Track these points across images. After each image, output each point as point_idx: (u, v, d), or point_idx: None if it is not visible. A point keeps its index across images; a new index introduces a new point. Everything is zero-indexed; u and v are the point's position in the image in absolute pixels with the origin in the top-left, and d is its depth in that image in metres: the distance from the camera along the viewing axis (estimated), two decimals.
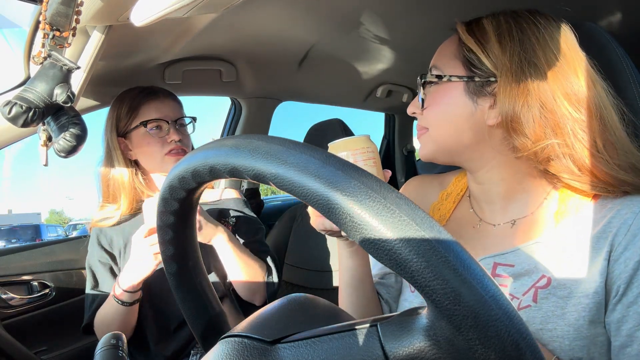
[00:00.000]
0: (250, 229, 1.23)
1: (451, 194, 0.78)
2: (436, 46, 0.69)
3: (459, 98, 0.63)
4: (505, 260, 0.63)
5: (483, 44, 0.61)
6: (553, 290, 0.58)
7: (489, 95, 0.61)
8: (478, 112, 0.62)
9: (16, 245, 1.58)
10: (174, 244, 0.45)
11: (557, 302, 0.57)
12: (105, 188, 1.18)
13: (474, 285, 0.25)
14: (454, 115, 0.64)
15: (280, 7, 1.06)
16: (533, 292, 0.59)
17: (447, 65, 0.65)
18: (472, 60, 0.62)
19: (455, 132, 0.64)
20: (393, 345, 0.28)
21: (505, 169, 0.65)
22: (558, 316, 0.57)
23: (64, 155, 0.75)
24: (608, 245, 0.56)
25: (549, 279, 0.59)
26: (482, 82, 0.61)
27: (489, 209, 0.69)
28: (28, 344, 1.26)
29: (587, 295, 0.56)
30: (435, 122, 0.66)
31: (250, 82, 1.56)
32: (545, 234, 0.62)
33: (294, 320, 0.36)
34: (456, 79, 0.63)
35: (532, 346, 0.26)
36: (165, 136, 1.13)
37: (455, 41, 0.66)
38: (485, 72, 0.61)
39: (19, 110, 0.69)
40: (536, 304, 0.58)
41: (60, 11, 0.68)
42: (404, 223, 0.27)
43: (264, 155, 0.31)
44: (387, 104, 2.12)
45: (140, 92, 1.17)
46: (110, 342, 0.45)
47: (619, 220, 0.56)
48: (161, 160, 1.13)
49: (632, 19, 1.21)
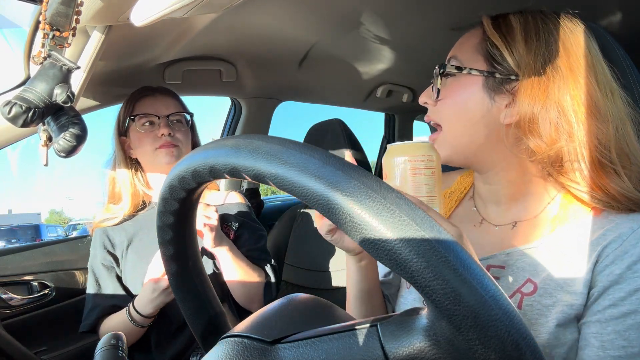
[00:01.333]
0: (252, 237, 1.22)
1: (454, 192, 0.78)
2: (436, 46, 0.69)
3: (477, 93, 0.62)
4: (497, 261, 0.63)
5: (508, 41, 0.60)
6: (538, 298, 0.58)
7: (507, 93, 0.60)
8: (494, 109, 0.61)
9: (16, 245, 1.58)
10: (173, 244, 0.45)
11: (542, 310, 0.57)
12: (111, 188, 1.19)
13: (474, 285, 0.25)
14: (469, 109, 0.62)
15: (280, 7, 1.06)
16: (518, 299, 0.59)
17: (468, 58, 0.64)
18: (495, 56, 0.61)
19: (469, 129, 0.63)
20: (393, 345, 0.28)
21: (515, 170, 0.64)
22: (541, 324, 0.56)
23: (64, 155, 0.75)
24: (595, 257, 0.55)
25: (535, 286, 0.58)
26: (502, 79, 0.60)
27: (494, 210, 0.69)
28: (28, 344, 1.25)
29: (571, 306, 0.55)
30: (449, 116, 0.64)
31: (250, 82, 1.56)
32: (541, 239, 0.61)
33: (294, 320, 0.36)
34: (476, 73, 0.62)
35: (533, 346, 0.26)
36: (156, 131, 1.13)
37: (479, 35, 0.64)
38: (507, 70, 0.60)
39: (19, 110, 0.69)
40: (520, 310, 0.58)
41: (60, 11, 0.67)
42: (404, 223, 0.27)
43: (264, 155, 0.31)
44: (387, 104, 2.12)
45: (140, 90, 1.19)
46: (110, 342, 0.45)
47: (614, 234, 0.55)
48: (152, 154, 1.13)
49: (632, 18, 1.21)
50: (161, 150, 1.13)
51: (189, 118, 1.22)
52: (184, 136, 1.18)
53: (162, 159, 1.13)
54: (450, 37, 0.68)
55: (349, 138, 1.60)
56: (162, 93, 1.19)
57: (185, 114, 1.20)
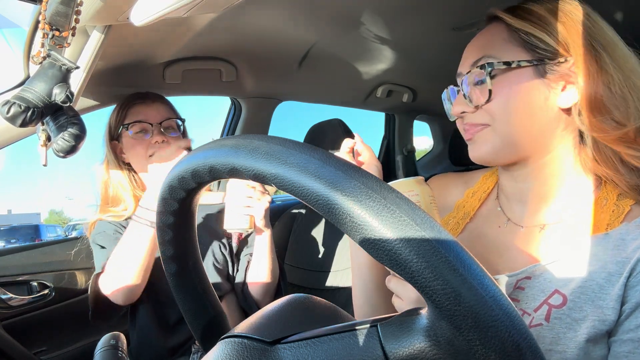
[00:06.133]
0: None
1: (477, 191, 0.76)
2: (437, 46, 0.69)
3: (531, 83, 0.60)
4: (525, 273, 0.61)
5: (543, 25, 0.59)
6: (568, 312, 0.55)
7: (560, 76, 0.59)
8: (551, 95, 0.60)
9: (16, 246, 1.58)
10: (173, 245, 0.45)
11: (571, 324, 0.55)
12: (104, 191, 1.20)
13: (474, 286, 0.25)
14: (527, 102, 0.60)
15: (280, 7, 1.05)
16: (546, 311, 0.57)
17: (505, 52, 0.61)
18: (534, 43, 0.60)
19: (526, 121, 0.61)
20: (393, 345, 0.28)
21: (556, 164, 0.62)
22: (569, 338, 0.54)
23: (63, 155, 0.75)
24: (628, 270, 0.53)
25: (564, 298, 0.56)
26: (552, 64, 0.59)
27: (520, 209, 0.67)
28: (27, 344, 1.25)
29: (603, 322, 0.53)
30: (503, 114, 0.61)
31: (250, 82, 1.56)
32: (572, 248, 0.59)
33: (293, 321, 0.36)
34: (526, 64, 0.60)
35: (533, 347, 0.26)
36: (150, 138, 1.14)
37: (502, 28, 0.63)
38: (552, 53, 0.59)
39: (18, 110, 0.68)
40: (548, 323, 0.56)
41: (60, 11, 0.67)
42: (404, 223, 0.26)
43: (264, 156, 0.31)
44: (387, 104, 2.12)
45: (131, 96, 1.21)
46: (110, 343, 0.45)
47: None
48: (146, 161, 1.14)
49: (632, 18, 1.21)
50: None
51: (180, 123, 1.23)
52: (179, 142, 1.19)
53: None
54: (450, 37, 0.68)
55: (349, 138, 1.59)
56: (153, 99, 1.20)
57: (176, 120, 1.21)
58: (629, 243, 0.56)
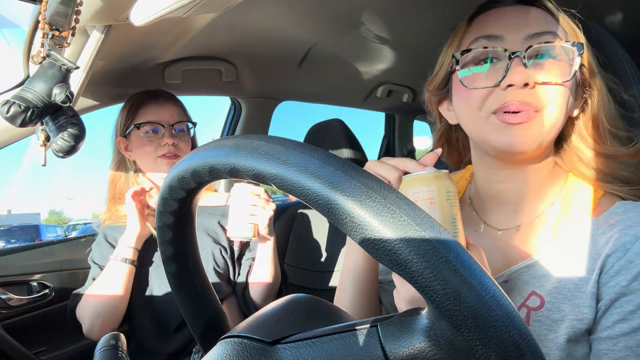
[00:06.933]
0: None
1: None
2: (436, 46, 0.68)
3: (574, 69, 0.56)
4: (503, 277, 0.61)
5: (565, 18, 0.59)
6: (547, 313, 0.55)
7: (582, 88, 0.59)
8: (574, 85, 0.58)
9: (15, 246, 1.58)
10: (173, 245, 0.45)
11: (551, 325, 0.55)
12: (112, 189, 1.20)
13: (474, 286, 0.25)
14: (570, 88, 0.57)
15: (280, 7, 1.05)
16: (525, 314, 0.57)
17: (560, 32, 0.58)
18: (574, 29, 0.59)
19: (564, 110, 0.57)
20: (393, 345, 0.28)
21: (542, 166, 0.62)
22: (550, 340, 0.54)
23: (62, 155, 0.75)
24: (599, 267, 0.53)
25: (542, 300, 0.56)
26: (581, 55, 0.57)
27: (498, 212, 0.66)
28: (27, 344, 1.25)
29: (581, 320, 0.53)
30: (553, 97, 0.55)
31: (250, 82, 1.56)
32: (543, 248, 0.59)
33: (294, 321, 0.36)
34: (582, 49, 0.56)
35: (533, 347, 0.26)
36: (160, 139, 1.14)
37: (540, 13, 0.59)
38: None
39: (17, 109, 0.68)
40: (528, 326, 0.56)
41: (60, 11, 0.67)
42: (404, 223, 0.26)
43: (264, 155, 0.31)
44: (388, 104, 2.12)
45: (142, 94, 1.19)
46: (110, 343, 0.45)
47: (617, 242, 0.53)
48: (154, 161, 1.15)
49: (632, 18, 1.21)
50: (163, 160, 1.15)
51: (191, 127, 1.23)
52: (186, 146, 1.20)
53: (163, 168, 1.15)
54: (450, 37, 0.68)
55: (349, 138, 1.59)
56: (166, 99, 1.19)
57: (188, 123, 1.21)
58: (598, 238, 0.55)
